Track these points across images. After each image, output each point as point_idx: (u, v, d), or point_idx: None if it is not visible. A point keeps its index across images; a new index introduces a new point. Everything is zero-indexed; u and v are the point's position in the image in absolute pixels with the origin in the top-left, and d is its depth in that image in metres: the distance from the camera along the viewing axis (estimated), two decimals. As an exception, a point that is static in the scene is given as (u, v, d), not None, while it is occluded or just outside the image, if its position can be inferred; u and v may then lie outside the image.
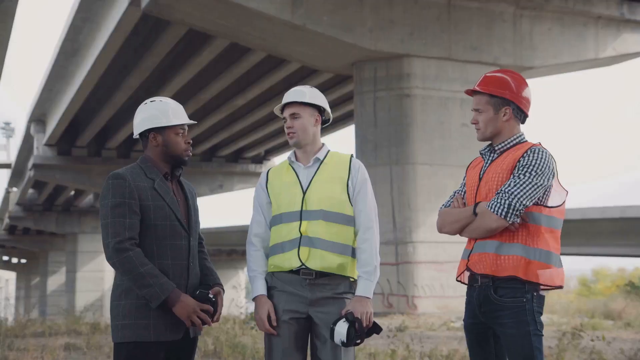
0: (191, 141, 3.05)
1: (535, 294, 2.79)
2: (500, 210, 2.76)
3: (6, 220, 42.47)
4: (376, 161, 13.45)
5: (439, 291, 12.85)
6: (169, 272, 2.88)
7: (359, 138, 13.89)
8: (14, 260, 66.38)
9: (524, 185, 2.76)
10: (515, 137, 2.94)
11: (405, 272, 12.96)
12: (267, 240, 3.14)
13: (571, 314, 14.64)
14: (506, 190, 2.78)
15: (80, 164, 27.03)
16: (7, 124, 59.84)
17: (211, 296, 2.92)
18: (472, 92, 3.00)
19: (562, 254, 2.88)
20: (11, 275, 79.21)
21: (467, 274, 2.95)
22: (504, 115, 2.93)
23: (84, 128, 24.90)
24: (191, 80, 19.14)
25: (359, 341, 2.90)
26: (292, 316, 3.01)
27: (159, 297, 2.79)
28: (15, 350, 7.63)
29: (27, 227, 41.41)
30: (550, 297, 21.18)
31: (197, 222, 3.08)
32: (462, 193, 3.03)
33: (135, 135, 3.05)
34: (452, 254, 12.42)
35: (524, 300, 2.77)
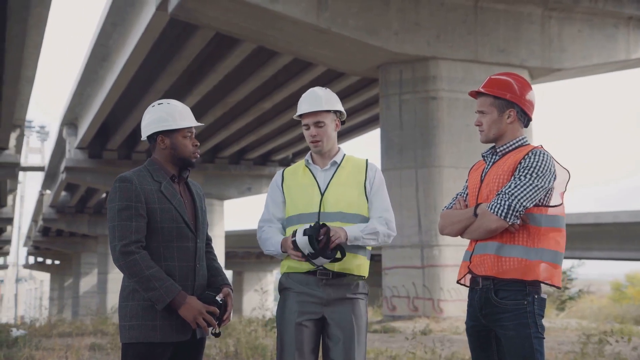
0: (198, 143, 3.06)
1: (536, 296, 2.77)
2: (500, 211, 2.76)
3: (40, 222, 43.20)
4: (402, 164, 13.39)
5: (465, 295, 12.69)
6: (175, 274, 2.90)
7: (384, 141, 13.84)
8: (48, 261, 67.48)
9: (525, 187, 2.75)
10: (518, 139, 2.94)
11: (431, 276, 12.87)
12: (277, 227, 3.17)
13: (601, 320, 14.39)
14: (506, 191, 2.77)
15: (111, 166, 27.35)
16: (42, 127, 61.02)
17: (218, 298, 2.93)
18: (476, 94, 2.98)
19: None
20: (45, 276, 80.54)
21: (469, 276, 2.94)
22: (508, 117, 2.92)
23: (115, 131, 25.21)
24: (219, 84, 19.25)
25: (329, 252, 2.89)
26: (307, 317, 3.03)
27: (164, 300, 2.81)
28: (42, 350, 7.77)
29: (60, 229, 42.03)
30: (582, 302, 20.83)
31: (205, 224, 3.09)
32: (465, 195, 3.03)
33: (143, 138, 3.07)
34: (478, 258, 12.26)
35: (525, 302, 2.75)
